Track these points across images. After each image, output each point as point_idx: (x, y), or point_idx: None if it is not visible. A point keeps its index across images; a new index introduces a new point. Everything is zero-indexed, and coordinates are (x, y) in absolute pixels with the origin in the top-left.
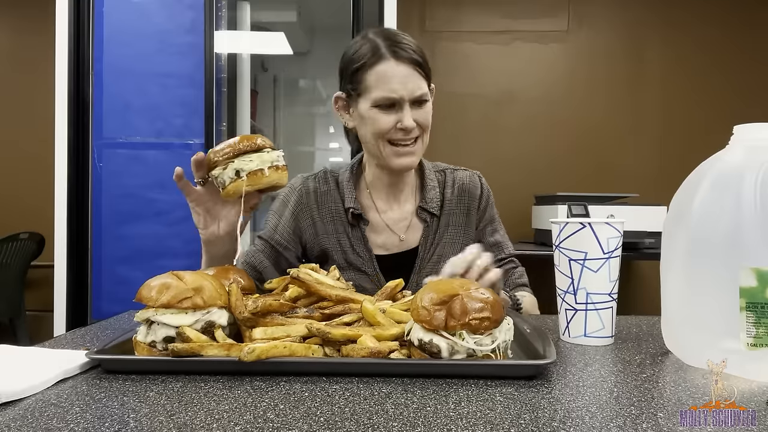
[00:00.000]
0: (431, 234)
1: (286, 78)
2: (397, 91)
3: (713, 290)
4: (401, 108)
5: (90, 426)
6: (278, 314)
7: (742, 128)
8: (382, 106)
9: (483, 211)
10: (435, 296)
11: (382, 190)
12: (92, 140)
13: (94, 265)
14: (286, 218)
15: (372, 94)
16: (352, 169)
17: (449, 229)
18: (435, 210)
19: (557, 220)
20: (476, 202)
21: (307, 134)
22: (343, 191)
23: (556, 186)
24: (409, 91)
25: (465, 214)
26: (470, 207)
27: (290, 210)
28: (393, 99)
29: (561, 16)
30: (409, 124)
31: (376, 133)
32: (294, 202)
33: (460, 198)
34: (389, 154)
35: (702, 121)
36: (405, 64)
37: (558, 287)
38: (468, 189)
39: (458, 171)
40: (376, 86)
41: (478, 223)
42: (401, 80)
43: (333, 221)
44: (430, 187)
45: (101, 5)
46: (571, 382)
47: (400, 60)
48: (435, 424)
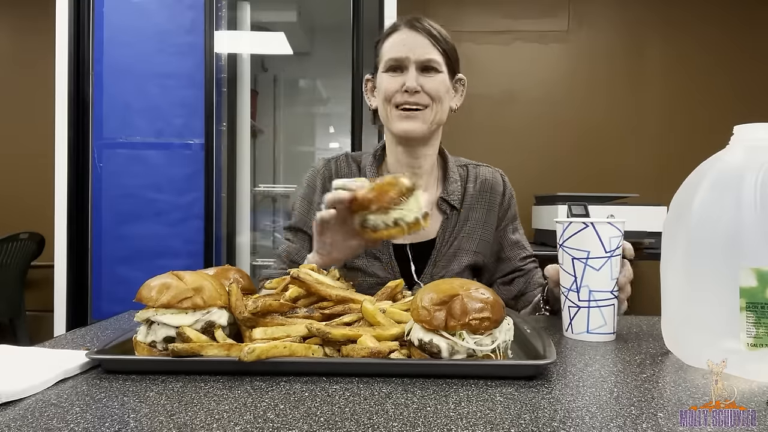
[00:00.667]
0: (450, 226)
1: (286, 78)
2: (403, 52)
3: (713, 290)
4: (406, 70)
5: (90, 426)
6: (278, 314)
7: (742, 128)
8: (390, 70)
9: (506, 210)
10: (435, 296)
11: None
12: (92, 140)
13: (94, 265)
14: (317, 203)
15: (383, 60)
16: (375, 155)
17: (468, 222)
18: (456, 203)
19: (561, 220)
20: (498, 199)
21: (307, 134)
22: (365, 174)
23: (556, 186)
24: (416, 54)
25: (486, 209)
26: (492, 203)
27: (318, 193)
28: (398, 59)
29: (561, 16)
30: (411, 85)
31: (383, 97)
32: (320, 185)
33: (481, 193)
34: (393, 117)
35: (702, 121)
36: (418, 32)
37: (562, 285)
38: (491, 185)
39: (481, 167)
40: (388, 51)
41: (500, 221)
42: (409, 45)
43: None
44: (453, 179)
45: (101, 5)
46: (571, 382)
47: (414, 29)
48: (435, 424)
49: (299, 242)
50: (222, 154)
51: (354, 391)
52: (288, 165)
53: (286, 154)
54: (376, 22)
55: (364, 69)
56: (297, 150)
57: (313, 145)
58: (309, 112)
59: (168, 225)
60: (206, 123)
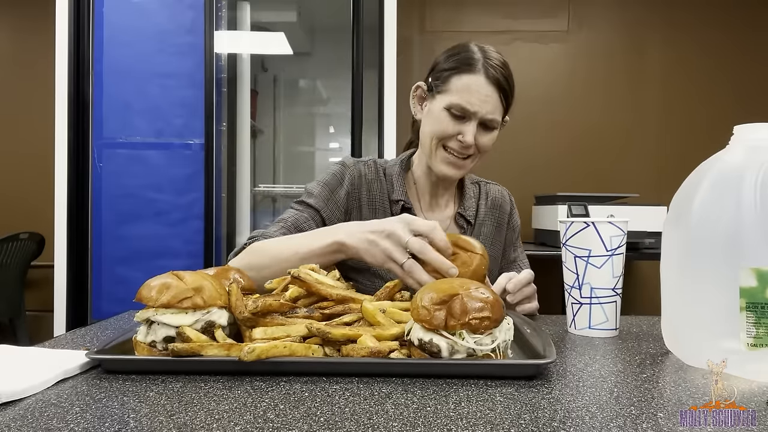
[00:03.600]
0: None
1: (286, 78)
2: (473, 105)
3: (713, 290)
4: (469, 122)
5: (90, 426)
6: (278, 314)
7: (742, 128)
8: (454, 113)
9: (513, 229)
10: (435, 296)
11: (427, 191)
12: (92, 140)
13: (94, 265)
14: (340, 197)
15: (450, 98)
16: (401, 164)
17: (479, 238)
18: (471, 218)
19: (564, 220)
20: (506, 217)
21: (307, 134)
22: (392, 183)
23: (556, 186)
24: (484, 110)
25: (494, 226)
26: (500, 221)
27: (345, 189)
28: (466, 110)
29: (561, 16)
30: (469, 140)
31: (436, 133)
32: (348, 182)
33: (492, 211)
34: (438, 159)
35: (702, 121)
36: (492, 85)
37: (565, 282)
38: (499, 204)
39: (490, 185)
40: (457, 93)
41: (507, 240)
42: (482, 97)
43: (375, 211)
44: (468, 196)
45: (101, 5)
46: (571, 382)
47: (490, 79)
48: (435, 424)
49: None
50: (222, 154)
51: (354, 391)
52: (288, 165)
53: (286, 154)
54: (376, 22)
55: (365, 69)
56: (297, 150)
57: (313, 145)
58: (309, 112)
59: (168, 225)
60: (206, 123)
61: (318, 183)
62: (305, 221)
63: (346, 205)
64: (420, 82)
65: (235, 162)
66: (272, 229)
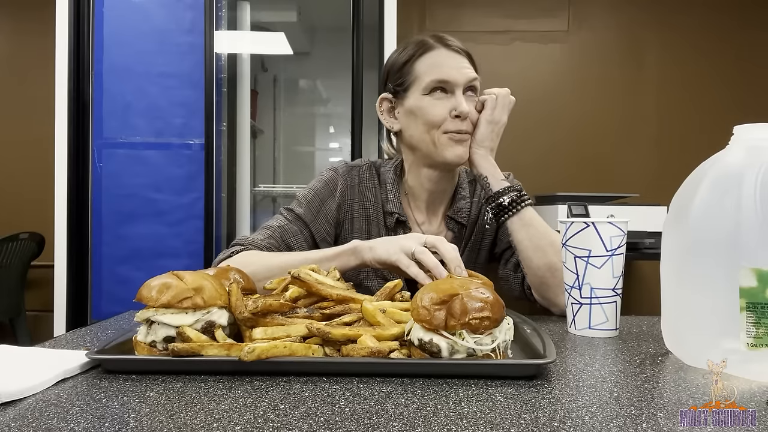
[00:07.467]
0: (461, 244)
1: (286, 78)
2: (452, 75)
3: (713, 290)
4: (454, 94)
5: (90, 426)
6: (278, 314)
7: (742, 128)
8: (436, 92)
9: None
10: (435, 296)
11: (422, 200)
12: (92, 140)
13: (94, 265)
14: (331, 209)
15: (423, 81)
16: (395, 170)
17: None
18: (463, 220)
19: (565, 220)
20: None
21: (307, 134)
22: (386, 192)
23: (556, 186)
24: (463, 75)
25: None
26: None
27: (336, 201)
28: (446, 81)
29: (561, 16)
30: (465, 109)
31: (429, 123)
32: (339, 192)
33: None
34: (445, 144)
35: (702, 121)
36: (455, 52)
37: (565, 282)
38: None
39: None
40: (428, 72)
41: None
42: (455, 65)
43: (368, 221)
44: (461, 196)
45: (101, 5)
46: (571, 382)
47: (451, 48)
48: (435, 424)
49: (298, 227)
50: (222, 154)
51: (354, 391)
52: (288, 165)
53: (286, 154)
54: (376, 22)
55: (365, 69)
56: (297, 150)
57: (313, 145)
58: (309, 112)
59: (168, 225)
60: (206, 123)
61: (309, 191)
62: (293, 235)
63: (337, 218)
64: (381, 95)
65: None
66: (258, 236)
